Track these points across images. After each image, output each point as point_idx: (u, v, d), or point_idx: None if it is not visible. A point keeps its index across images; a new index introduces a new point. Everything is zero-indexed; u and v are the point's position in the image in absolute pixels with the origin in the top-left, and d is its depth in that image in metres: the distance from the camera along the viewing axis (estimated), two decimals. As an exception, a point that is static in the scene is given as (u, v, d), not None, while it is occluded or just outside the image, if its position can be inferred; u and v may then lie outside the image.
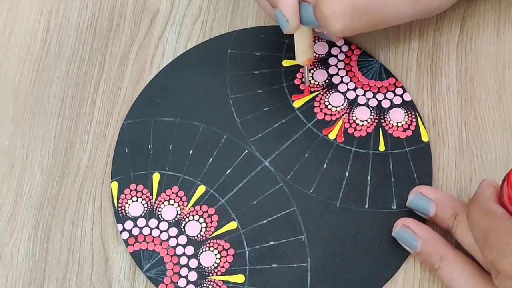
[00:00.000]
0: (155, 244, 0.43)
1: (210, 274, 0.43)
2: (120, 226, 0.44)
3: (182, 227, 0.44)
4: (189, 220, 0.44)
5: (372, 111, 0.47)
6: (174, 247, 0.43)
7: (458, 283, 0.39)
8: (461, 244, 0.40)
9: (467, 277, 0.39)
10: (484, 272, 0.39)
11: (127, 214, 0.44)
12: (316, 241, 0.43)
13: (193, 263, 0.43)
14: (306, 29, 0.43)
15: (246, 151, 0.46)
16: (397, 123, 0.46)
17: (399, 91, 0.47)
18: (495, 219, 0.36)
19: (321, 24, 0.41)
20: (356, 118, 0.46)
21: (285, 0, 0.41)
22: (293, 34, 0.43)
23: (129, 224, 0.44)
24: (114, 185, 0.45)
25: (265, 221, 0.44)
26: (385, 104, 0.47)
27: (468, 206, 0.39)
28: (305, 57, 0.45)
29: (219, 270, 0.43)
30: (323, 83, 0.48)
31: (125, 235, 0.44)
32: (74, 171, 0.46)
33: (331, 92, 0.47)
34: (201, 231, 0.44)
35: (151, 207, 0.45)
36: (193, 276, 0.43)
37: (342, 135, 0.46)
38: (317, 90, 0.47)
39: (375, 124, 0.46)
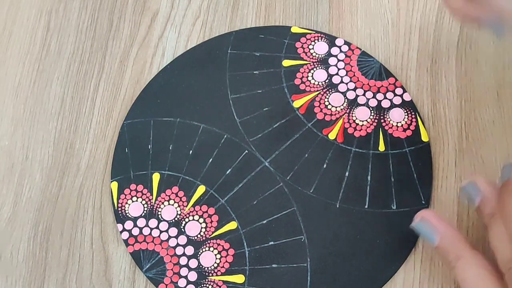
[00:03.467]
0: (155, 244, 0.43)
1: (210, 274, 0.43)
2: (120, 226, 0.44)
3: (182, 227, 0.44)
4: (189, 220, 0.44)
5: (372, 111, 0.47)
6: (174, 247, 0.43)
7: (470, 285, 0.38)
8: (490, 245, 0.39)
9: (480, 282, 0.38)
10: (499, 277, 0.38)
11: (127, 214, 0.44)
12: (316, 241, 0.43)
13: (193, 263, 0.43)
14: None
15: (246, 151, 0.46)
16: (397, 123, 0.46)
17: (399, 91, 0.47)
18: None
19: None
20: (356, 118, 0.46)
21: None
22: None
23: (129, 224, 0.44)
24: (114, 185, 0.45)
25: (265, 221, 0.44)
26: (385, 104, 0.47)
27: (503, 198, 0.38)
28: None
29: (219, 270, 0.43)
30: (323, 83, 0.48)
31: (125, 235, 0.44)
32: (74, 171, 0.46)
33: (331, 92, 0.47)
34: (201, 231, 0.44)
35: (151, 207, 0.45)
36: (193, 276, 0.43)
37: (342, 135, 0.46)
38: (317, 90, 0.47)
39: (375, 124, 0.46)
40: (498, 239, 0.38)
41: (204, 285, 0.42)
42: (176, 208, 0.44)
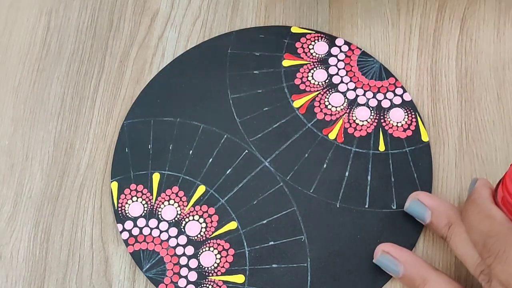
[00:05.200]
0: (155, 244, 0.43)
1: (210, 274, 0.43)
2: (120, 226, 0.44)
3: (182, 227, 0.44)
4: (189, 220, 0.44)
5: (372, 111, 0.47)
6: (174, 247, 0.43)
7: None
8: (454, 253, 0.40)
9: None
10: None
11: (127, 214, 0.44)
12: (316, 241, 0.43)
13: (193, 263, 0.43)
14: None
15: (246, 151, 0.46)
16: (397, 123, 0.46)
17: (399, 91, 0.47)
18: (495, 224, 0.36)
19: None
20: (356, 118, 0.46)
21: None
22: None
23: (129, 224, 0.44)
24: (114, 185, 0.45)
25: (265, 221, 0.44)
26: (385, 104, 0.47)
27: (466, 207, 0.39)
28: None
29: (219, 270, 0.43)
30: (323, 83, 0.48)
31: (125, 235, 0.44)
32: (74, 171, 0.46)
33: (331, 92, 0.47)
34: (201, 231, 0.44)
35: (151, 207, 0.45)
36: (193, 276, 0.43)
37: (342, 135, 0.46)
38: (317, 90, 0.47)
39: (375, 124, 0.46)
40: (463, 246, 0.39)
41: (204, 285, 0.42)
42: (176, 208, 0.44)
